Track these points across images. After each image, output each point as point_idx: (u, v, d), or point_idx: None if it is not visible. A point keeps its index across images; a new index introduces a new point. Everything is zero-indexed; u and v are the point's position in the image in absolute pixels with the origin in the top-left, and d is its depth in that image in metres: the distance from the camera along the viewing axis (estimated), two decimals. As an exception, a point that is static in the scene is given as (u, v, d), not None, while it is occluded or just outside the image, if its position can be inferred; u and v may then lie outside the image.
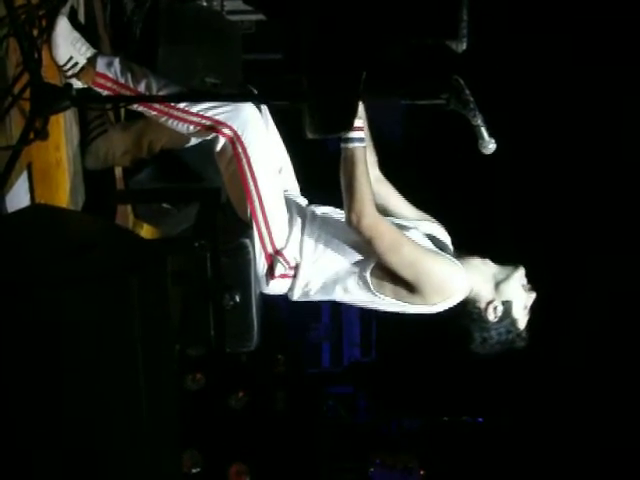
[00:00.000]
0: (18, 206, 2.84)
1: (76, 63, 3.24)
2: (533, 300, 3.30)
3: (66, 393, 2.09)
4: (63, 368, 2.08)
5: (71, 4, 3.37)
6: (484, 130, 2.88)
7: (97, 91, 3.27)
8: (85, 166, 3.72)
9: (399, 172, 3.52)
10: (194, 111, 3.13)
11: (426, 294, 3.16)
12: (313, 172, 3.55)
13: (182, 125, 3.18)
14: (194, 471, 5.70)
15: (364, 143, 3.04)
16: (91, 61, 3.25)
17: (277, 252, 3.29)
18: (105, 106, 3.70)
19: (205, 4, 5.49)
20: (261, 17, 5.92)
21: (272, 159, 3.32)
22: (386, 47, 3.10)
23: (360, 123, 3.00)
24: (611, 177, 6.98)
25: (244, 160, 3.16)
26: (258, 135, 3.17)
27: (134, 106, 3.29)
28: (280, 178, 3.41)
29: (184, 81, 3.57)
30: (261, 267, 3.32)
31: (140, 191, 4.01)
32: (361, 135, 3.02)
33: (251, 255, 3.27)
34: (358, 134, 3.01)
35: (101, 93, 3.27)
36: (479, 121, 2.85)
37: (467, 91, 2.83)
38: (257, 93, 3.35)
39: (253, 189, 3.19)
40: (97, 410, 2.13)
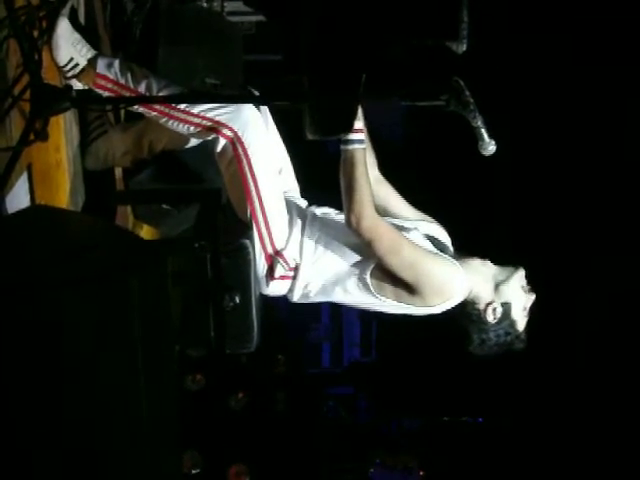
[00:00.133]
0: (18, 207, 2.84)
1: (77, 64, 3.24)
2: (532, 302, 3.30)
3: (66, 393, 2.09)
4: (63, 369, 2.08)
5: (71, 5, 3.37)
6: (484, 131, 2.87)
7: (97, 92, 3.27)
8: (85, 167, 3.71)
9: (399, 173, 3.52)
10: (194, 112, 3.13)
11: (426, 295, 3.16)
12: (313, 173, 3.55)
13: (182, 126, 3.18)
14: (194, 472, 5.71)
15: (364, 145, 3.04)
16: (91, 62, 3.25)
17: (277, 253, 3.29)
18: (105, 107, 3.70)
19: (205, 5, 5.50)
20: (261, 18, 5.92)
21: (272, 160, 3.32)
22: (386, 48, 3.10)
23: (360, 125, 3.00)
24: (612, 178, 6.98)
25: (244, 161, 3.16)
26: (258, 136, 3.17)
27: (134, 107, 3.29)
28: (280, 179, 3.41)
29: (184, 82, 3.57)
30: (261, 268, 3.32)
31: (140, 192, 4.01)
32: (361, 137, 3.02)
33: (251, 256, 3.27)
34: (358, 136, 3.01)
35: (101, 94, 3.27)
36: (479, 122, 2.85)
37: (467, 92, 2.82)
38: (257, 94, 3.35)
39: (253, 190, 3.19)
40: (97, 410, 2.13)
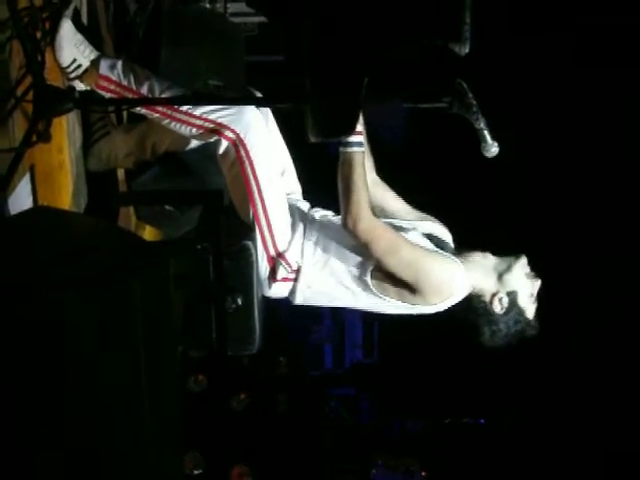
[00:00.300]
0: (21, 208, 2.84)
1: (79, 65, 3.24)
2: (539, 287, 3.30)
3: (68, 394, 2.09)
4: (66, 370, 2.08)
5: (74, 6, 3.37)
6: (487, 133, 2.87)
7: (100, 93, 3.27)
8: (88, 168, 3.72)
9: (401, 175, 3.52)
10: (197, 114, 3.13)
11: (427, 294, 3.17)
12: (315, 174, 3.55)
13: (185, 128, 3.19)
14: (196, 473, 5.71)
15: (363, 148, 3.05)
16: (94, 63, 3.25)
17: (279, 255, 3.30)
18: (108, 108, 3.70)
19: (208, 6, 5.50)
20: (264, 19, 5.92)
21: (275, 162, 3.32)
22: (389, 50, 3.10)
23: (359, 127, 3.01)
24: (614, 178, 6.98)
25: (247, 163, 3.16)
26: (261, 138, 3.18)
27: (137, 108, 3.30)
28: (282, 181, 3.42)
29: (187, 83, 3.57)
30: (263, 270, 3.33)
31: (142, 193, 4.01)
32: (360, 139, 3.03)
33: (253, 258, 3.27)
34: (357, 138, 3.02)
35: (104, 95, 3.27)
36: (482, 124, 2.85)
37: (470, 94, 2.82)
38: (260, 96, 3.35)
39: (256, 192, 3.20)
40: (99, 411, 2.13)
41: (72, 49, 3.22)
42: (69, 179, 3.52)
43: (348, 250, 3.23)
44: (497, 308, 3.26)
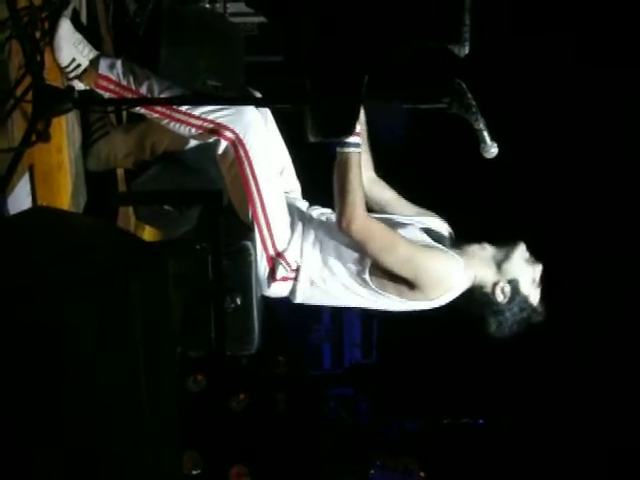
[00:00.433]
0: (20, 208, 2.83)
1: (79, 65, 3.24)
2: (540, 272, 3.29)
3: (67, 395, 2.09)
4: (64, 370, 2.08)
5: (73, 6, 3.37)
6: (486, 134, 2.87)
7: (99, 93, 3.27)
8: (87, 168, 3.71)
9: (401, 175, 3.52)
10: (196, 114, 3.14)
11: (425, 289, 3.17)
12: (315, 173, 3.55)
13: (184, 128, 3.19)
14: (194, 473, 5.70)
15: (360, 149, 3.05)
16: (93, 63, 3.25)
17: (279, 255, 3.30)
18: (107, 108, 3.70)
19: (208, 6, 5.49)
20: (263, 19, 5.92)
21: (274, 161, 3.32)
22: (388, 51, 3.10)
23: (358, 128, 3.01)
24: (614, 177, 6.98)
25: (246, 163, 3.17)
26: (260, 138, 3.18)
27: (136, 108, 3.30)
28: (282, 180, 3.42)
29: (186, 83, 3.57)
30: (262, 270, 3.33)
31: (142, 193, 4.00)
32: (357, 140, 3.03)
33: (252, 258, 3.27)
34: (354, 139, 3.02)
35: (103, 95, 3.27)
36: (481, 125, 2.85)
37: (469, 95, 2.82)
38: (259, 96, 3.35)
39: (255, 192, 3.20)
40: (98, 412, 2.13)
41: (71, 49, 3.22)
42: (68, 179, 3.52)
43: (346, 248, 3.24)
44: (500, 297, 3.26)
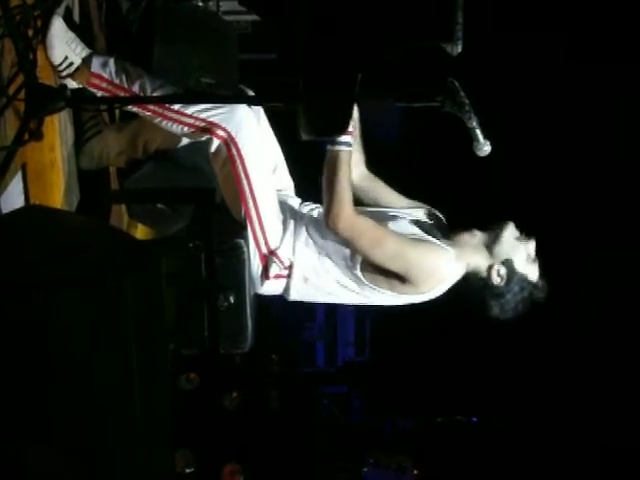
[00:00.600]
0: (12, 207, 2.83)
1: (71, 63, 3.24)
2: (534, 247, 3.27)
3: (60, 393, 2.09)
4: (56, 369, 2.08)
5: (66, 4, 3.37)
6: (479, 132, 2.88)
7: (92, 91, 3.27)
8: (80, 167, 3.71)
9: (395, 173, 3.53)
10: (188, 112, 3.13)
11: (417, 283, 3.17)
12: (308, 170, 3.55)
13: (176, 126, 3.19)
14: (188, 471, 5.71)
15: (350, 147, 3.06)
16: (86, 61, 3.25)
17: (271, 252, 3.30)
18: (100, 106, 3.70)
19: (201, 4, 5.49)
20: (257, 17, 5.91)
21: (266, 159, 3.32)
22: (381, 49, 3.10)
23: (350, 126, 3.01)
24: (606, 176, 6.99)
25: (238, 162, 3.17)
26: (252, 137, 3.18)
27: (128, 106, 3.29)
28: (274, 178, 3.42)
29: (179, 81, 3.57)
30: (255, 268, 3.33)
31: (135, 191, 4.00)
32: (348, 139, 3.04)
33: (245, 256, 3.27)
34: (345, 138, 3.02)
35: (96, 93, 3.27)
36: (474, 123, 2.85)
37: (462, 93, 2.82)
38: (252, 95, 3.35)
39: (247, 190, 3.20)
40: (91, 410, 2.13)
41: (64, 47, 3.22)
42: (61, 177, 3.51)
43: (337, 244, 3.24)
44: (497, 280, 3.24)
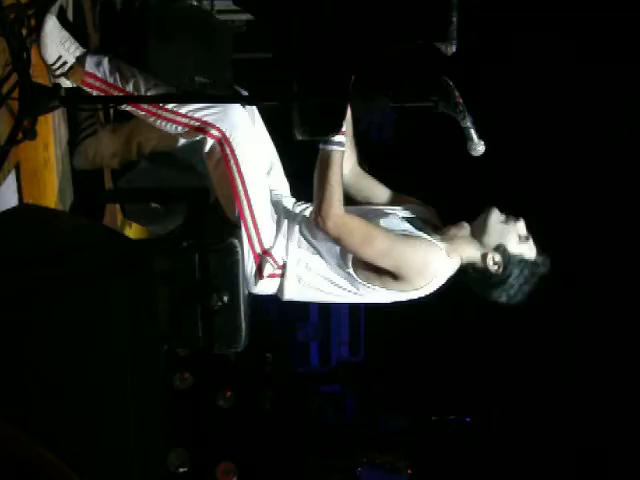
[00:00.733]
0: (6, 206, 2.83)
1: (65, 62, 3.24)
2: (523, 226, 3.25)
3: (53, 393, 2.09)
4: (50, 368, 2.08)
5: (60, 3, 3.36)
6: (473, 132, 2.88)
7: (86, 90, 3.26)
8: (74, 166, 3.71)
9: (390, 172, 3.53)
10: (182, 112, 3.14)
11: (409, 279, 3.17)
12: (302, 169, 3.56)
13: (170, 126, 3.19)
14: (181, 470, 5.70)
15: (343, 147, 3.06)
16: (80, 60, 3.25)
17: (265, 252, 3.30)
18: (94, 106, 3.69)
19: (195, 3, 5.47)
20: (251, 17, 5.89)
21: (260, 159, 3.32)
22: (376, 49, 3.10)
23: (342, 127, 3.02)
24: (601, 177, 7.00)
25: (232, 161, 3.17)
26: (246, 136, 3.18)
27: (122, 106, 3.29)
28: (268, 178, 3.42)
29: (174, 80, 3.56)
30: (249, 267, 3.33)
31: (128, 191, 4.00)
32: (341, 139, 3.04)
33: (239, 256, 3.27)
34: (338, 137, 3.03)
35: (90, 92, 3.26)
36: (468, 123, 2.86)
37: (456, 93, 2.83)
38: (246, 94, 3.35)
39: (241, 190, 3.20)
40: (85, 410, 2.13)
41: (57, 46, 3.21)
42: (55, 176, 3.51)
43: (330, 243, 3.24)
44: (494, 268, 3.22)
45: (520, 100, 6.94)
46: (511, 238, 3.23)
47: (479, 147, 2.90)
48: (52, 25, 3.20)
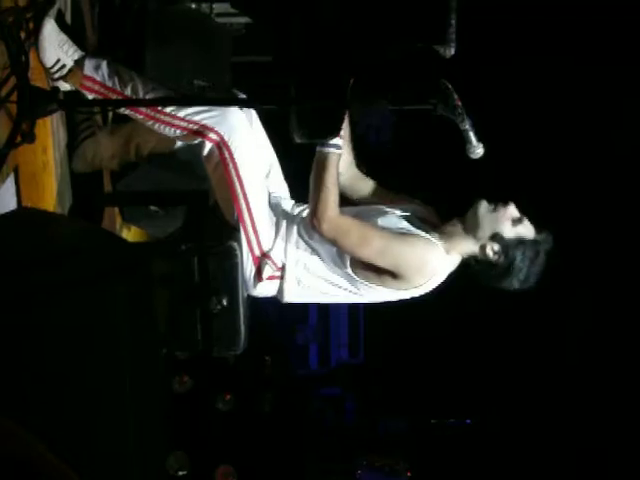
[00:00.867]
0: (5, 209, 2.83)
1: (63, 65, 3.23)
2: (513, 209, 3.20)
3: (52, 396, 2.09)
4: (49, 372, 2.08)
5: (58, 6, 3.36)
6: (472, 135, 2.88)
7: (84, 94, 3.26)
8: (73, 169, 3.70)
9: (389, 174, 3.53)
10: (181, 115, 3.14)
11: (408, 277, 3.17)
12: (301, 171, 3.56)
13: (169, 129, 3.19)
14: (181, 473, 5.70)
15: (340, 150, 3.06)
16: (79, 63, 3.24)
17: (264, 254, 3.30)
18: (92, 109, 3.69)
19: (194, 6, 5.47)
20: (250, 20, 5.89)
21: (259, 162, 3.32)
22: (375, 52, 3.10)
23: (341, 130, 3.02)
24: (598, 179, 7.01)
25: (231, 165, 3.17)
26: (244, 140, 3.18)
27: (121, 109, 3.29)
28: (267, 180, 3.42)
29: (172, 84, 3.56)
30: (248, 270, 3.33)
31: (128, 193, 4.00)
32: (338, 142, 3.04)
33: (238, 258, 3.27)
34: (335, 140, 3.03)
35: (88, 96, 3.26)
36: (467, 126, 2.86)
37: (455, 95, 2.83)
38: (245, 97, 3.35)
39: (240, 193, 3.20)
40: (83, 413, 2.13)
41: (56, 49, 3.21)
42: (54, 180, 3.51)
43: (327, 244, 3.23)
44: (495, 257, 3.18)
45: (519, 103, 6.95)
46: (504, 224, 3.18)
47: (478, 150, 2.90)
48: (50, 28, 3.20)
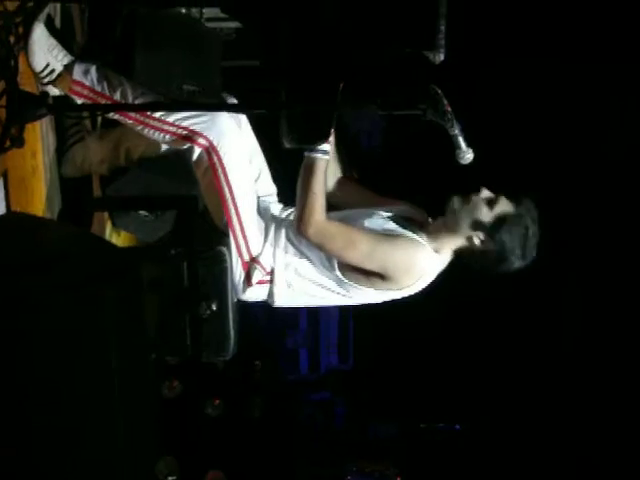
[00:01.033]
0: (-6, 214, 2.83)
1: (53, 70, 3.23)
2: (486, 192, 3.20)
3: (40, 401, 2.08)
4: (37, 378, 2.07)
5: (48, 11, 3.35)
6: (462, 140, 2.88)
7: (73, 98, 3.26)
8: (62, 174, 3.70)
9: (379, 179, 3.54)
10: (170, 120, 3.14)
11: (397, 278, 3.18)
12: (290, 175, 3.56)
13: (158, 134, 3.19)
14: (170, 479, 5.68)
15: (327, 156, 3.07)
16: (68, 68, 3.24)
17: (253, 259, 3.31)
18: (81, 114, 3.68)
19: (184, 11, 5.47)
20: (240, 24, 5.89)
21: (248, 167, 3.33)
22: (364, 57, 3.11)
23: (330, 135, 3.03)
24: (593, 182, 7.02)
25: (220, 170, 3.17)
26: (234, 145, 3.19)
27: (110, 114, 3.29)
28: (256, 185, 3.42)
29: (162, 88, 3.56)
30: (238, 275, 3.33)
31: (117, 198, 4.00)
32: (326, 147, 3.05)
33: (227, 263, 3.28)
34: (323, 146, 3.04)
35: (77, 100, 3.26)
36: (456, 131, 2.86)
37: (445, 101, 2.83)
38: (234, 103, 3.35)
39: (229, 198, 3.20)
40: (71, 418, 2.12)
41: (45, 54, 3.21)
42: (43, 184, 3.50)
43: (315, 248, 3.24)
44: (484, 245, 3.18)
45: (508, 108, 6.95)
46: (480, 209, 3.18)
47: (467, 155, 2.90)
48: (40, 33, 3.20)
